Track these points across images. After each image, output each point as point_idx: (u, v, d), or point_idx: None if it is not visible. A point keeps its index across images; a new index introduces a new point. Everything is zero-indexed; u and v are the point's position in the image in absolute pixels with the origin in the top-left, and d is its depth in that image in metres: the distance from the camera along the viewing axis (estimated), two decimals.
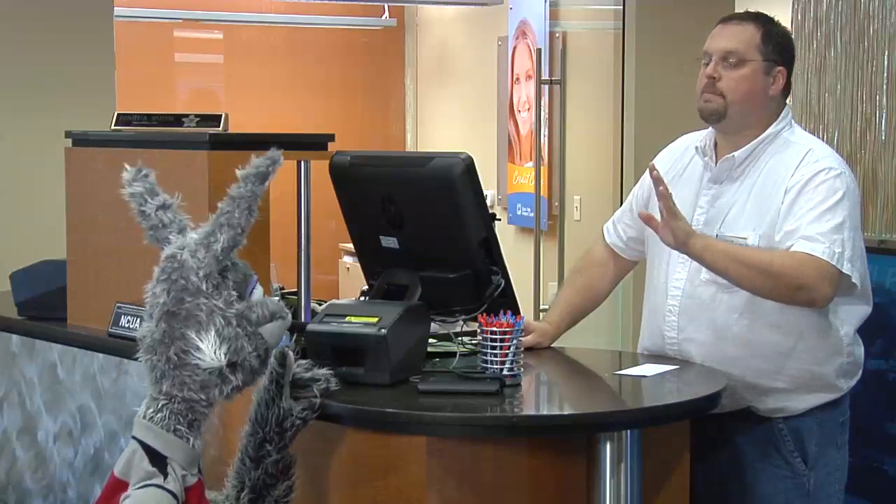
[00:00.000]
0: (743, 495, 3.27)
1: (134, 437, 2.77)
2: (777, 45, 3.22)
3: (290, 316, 2.91)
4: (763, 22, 3.24)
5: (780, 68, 3.22)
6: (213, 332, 2.74)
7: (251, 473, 2.84)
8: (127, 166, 2.87)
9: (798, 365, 3.19)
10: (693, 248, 3.06)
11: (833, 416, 3.28)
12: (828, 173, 3.13)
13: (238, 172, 2.78)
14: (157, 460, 2.72)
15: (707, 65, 3.23)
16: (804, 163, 3.16)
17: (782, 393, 3.21)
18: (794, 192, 3.12)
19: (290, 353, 2.84)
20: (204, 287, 2.75)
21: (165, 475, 2.71)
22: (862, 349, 3.30)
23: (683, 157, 3.38)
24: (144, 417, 2.76)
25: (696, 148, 3.32)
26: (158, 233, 2.84)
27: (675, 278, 3.26)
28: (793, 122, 3.30)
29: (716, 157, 3.28)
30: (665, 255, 3.29)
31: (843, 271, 3.05)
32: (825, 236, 3.04)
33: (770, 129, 3.23)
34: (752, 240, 3.14)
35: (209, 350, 2.73)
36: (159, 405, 2.75)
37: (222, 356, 2.74)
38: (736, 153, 3.22)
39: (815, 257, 3.02)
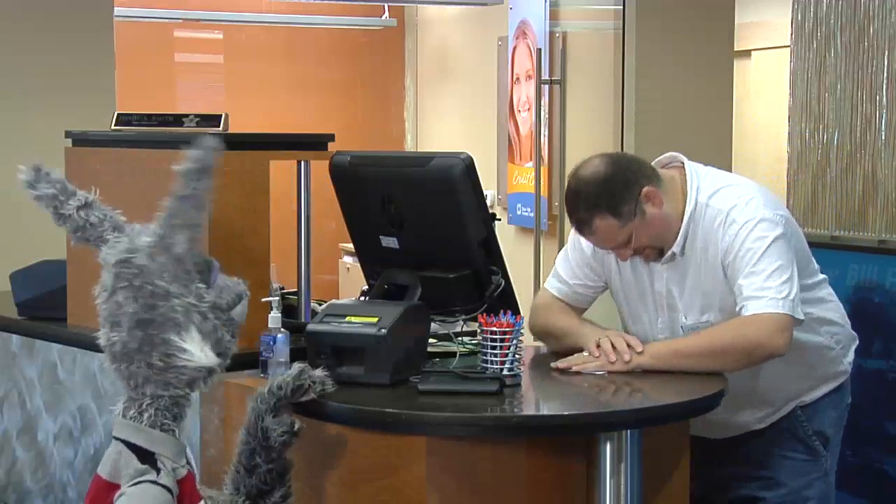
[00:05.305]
0: (769, 481, 3.36)
1: (117, 438, 2.75)
2: (623, 200, 3.11)
3: (247, 289, 2.88)
4: (597, 203, 3.10)
5: (640, 207, 3.13)
6: (194, 331, 2.71)
7: (245, 481, 2.85)
8: (21, 167, 2.78)
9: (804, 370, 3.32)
10: (657, 361, 3.11)
11: (843, 399, 3.41)
12: (749, 227, 3.12)
13: (177, 169, 2.69)
14: (147, 457, 2.71)
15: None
16: (727, 229, 3.15)
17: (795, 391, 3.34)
18: (729, 260, 3.14)
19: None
20: (173, 289, 2.71)
21: (157, 470, 2.71)
22: (841, 310, 3.37)
23: None
24: (126, 417, 2.75)
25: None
26: (87, 233, 2.77)
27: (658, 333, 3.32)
28: (697, 178, 3.22)
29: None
30: (645, 316, 3.33)
31: (796, 317, 3.07)
32: (764, 290, 3.06)
33: (688, 211, 3.19)
34: (714, 319, 3.19)
35: (197, 350, 2.71)
36: (143, 405, 2.74)
37: (210, 353, 2.73)
38: (674, 248, 3.21)
39: (754, 315, 3.04)
